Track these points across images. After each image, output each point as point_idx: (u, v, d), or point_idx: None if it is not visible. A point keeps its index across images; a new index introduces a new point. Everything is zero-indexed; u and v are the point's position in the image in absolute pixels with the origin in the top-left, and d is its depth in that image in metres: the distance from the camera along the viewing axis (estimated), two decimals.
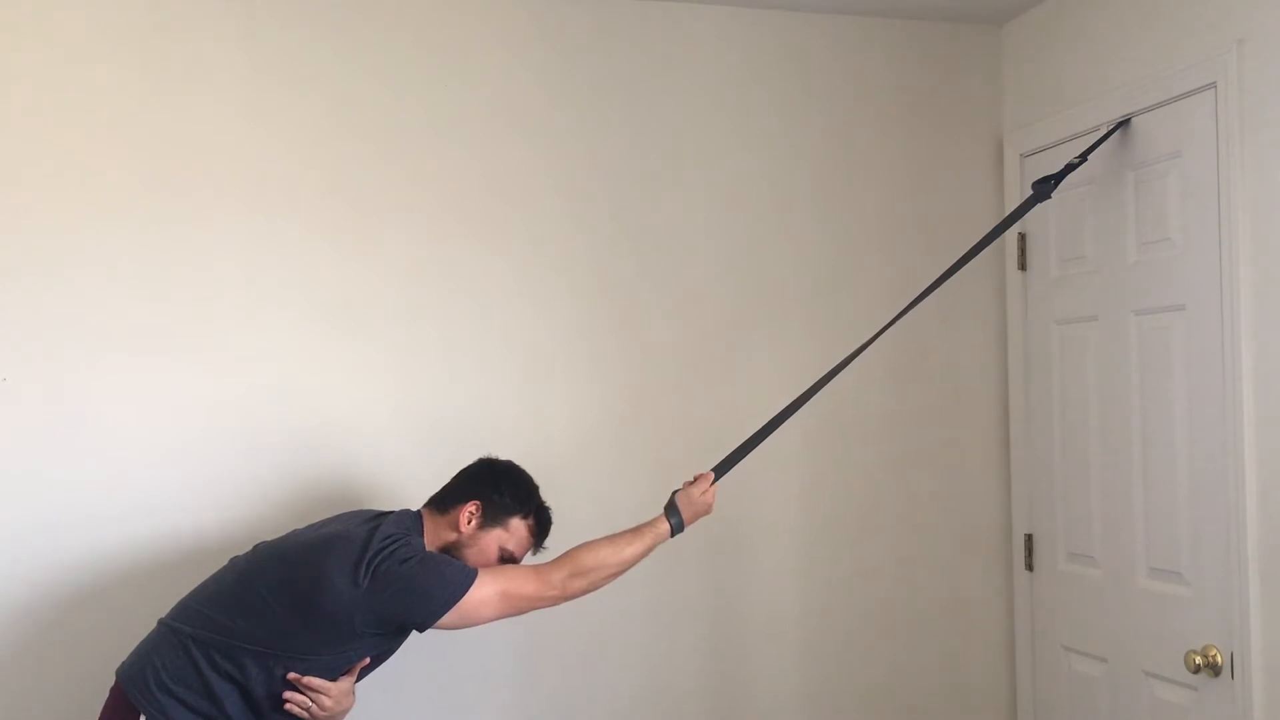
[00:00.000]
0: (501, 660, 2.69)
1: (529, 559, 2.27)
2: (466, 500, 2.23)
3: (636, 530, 2.25)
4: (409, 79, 2.69)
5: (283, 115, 2.61)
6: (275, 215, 2.59)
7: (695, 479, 2.31)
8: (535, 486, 2.30)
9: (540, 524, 2.29)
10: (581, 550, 2.19)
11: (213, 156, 2.56)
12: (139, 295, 2.51)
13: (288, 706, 2.04)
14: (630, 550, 2.21)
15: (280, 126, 2.61)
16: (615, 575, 2.22)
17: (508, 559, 2.23)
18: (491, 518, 2.22)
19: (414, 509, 2.29)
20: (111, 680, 2.11)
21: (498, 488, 2.25)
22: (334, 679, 2.07)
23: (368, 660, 2.12)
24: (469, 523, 2.21)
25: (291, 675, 2.03)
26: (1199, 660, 2.33)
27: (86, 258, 2.48)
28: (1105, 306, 2.67)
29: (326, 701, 2.05)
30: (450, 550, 2.19)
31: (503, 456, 2.33)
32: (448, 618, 2.06)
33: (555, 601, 2.16)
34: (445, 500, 2.27)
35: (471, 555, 2.19)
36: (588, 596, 2.21)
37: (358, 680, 2.13)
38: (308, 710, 2.05)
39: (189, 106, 2.55)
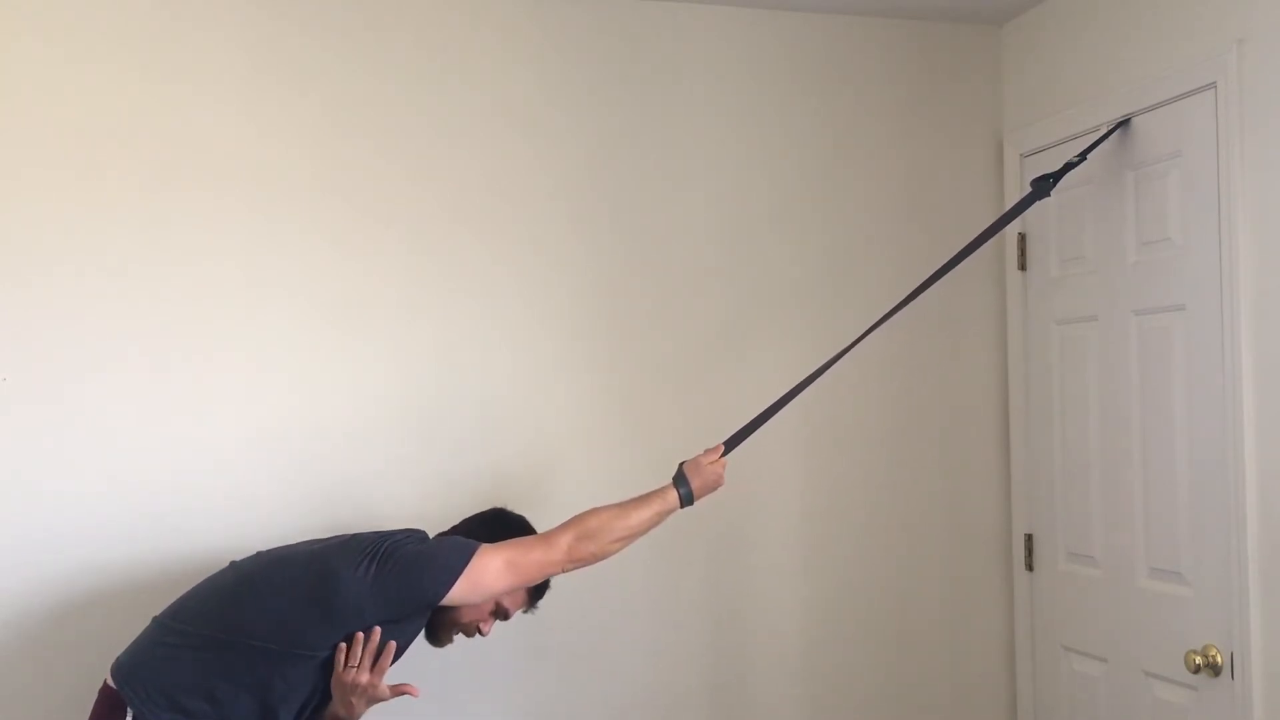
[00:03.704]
0: (501, 659, 2.69)
1: (519, 615, 2.28)
2: None
3: (644, 497, 2.24)
4: (409, 79, 2.69)
5: (283, 115, 2.61)
6: (275, 215, 2.59)
7: (705, 451, 2.31)
8: None
9: (538, 585, 2.27)
10: (587, 515, 2.19)
11: (213, 156, 2.56)
12: (139, 295, 2.50)
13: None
14: (637, 516, 2.20)
15: (280, 126, 2.60)
16: (623, 541, 2.20)
17: (499, 612, 2.23)
18: None
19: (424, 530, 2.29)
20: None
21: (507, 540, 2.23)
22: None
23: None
24: None
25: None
26: (1199, 660, 2.33)
27: (86, 258, 2.48)
28: (1105, 306, 2.67)
29: (364, 679, 2.02)
30: None
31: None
32: (458, 589, 2.05)
33: (562, 567, 2.15)
34: None
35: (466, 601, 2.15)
36: (588, 595, 2.22)
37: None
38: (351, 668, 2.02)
39: (189, 106, 2.55)
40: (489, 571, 2.07)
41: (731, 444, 2.35)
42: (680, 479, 2.27)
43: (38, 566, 2.43)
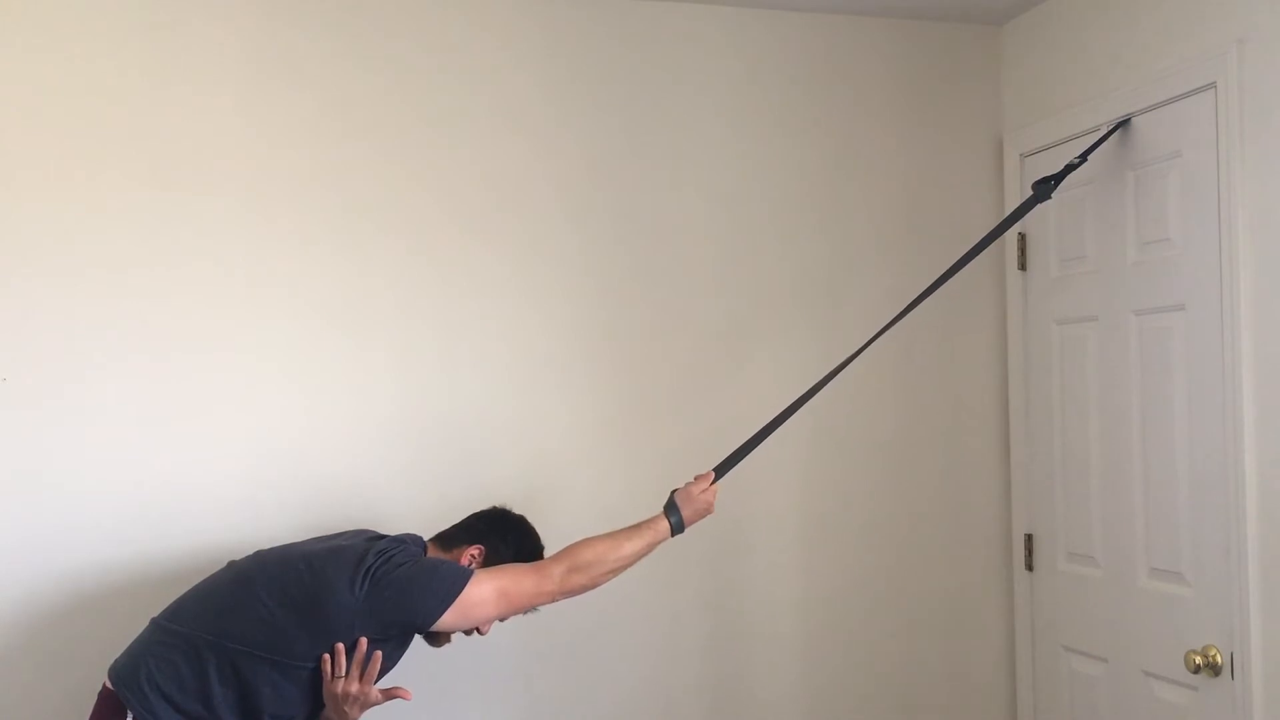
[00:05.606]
0: (501, 659, 2.69)
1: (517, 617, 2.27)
2: (472, 542, 2.25)
3: (636, 527, 2.25)
4: (408, 79, 2.69)
5: (282, 115, 2.61)
6: (275, 215, 2.59)
7: (695, 479, 2.31)
8: (541, 548, 2.30)
9: None
10: (580, 546, 2.20)
11: (213, 156, 2.56)
12: (139, 295, 2.50)
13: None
14: (629, 547, 2.21)
15: (280, 126, 2.60)
16: (614, 572, 2.21)
17: None
18: (492, 565, 2.22)
19: (420, 535, 2.30)
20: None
21: (505, 538, 2.27)
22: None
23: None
24: (469, 564, 2.21)
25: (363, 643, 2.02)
26: (1199, 660, 2.33)
27: (86, 258, 2.48)
28: (1105, 306, 2.67)
29: (354, 688, 2.03)
30: None
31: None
32: (448, 617, 2.06)
33: (554, 597, 2.16)
34: (452, 537, 2.29)
35: None
36: (587, 594, 2.22)
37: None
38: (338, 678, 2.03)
39: (188, 106, 2.55)
40: (479, 601, 2.09)
41: (722, 470, 2.35)
42: (671, 507, 2.28)
43: (38, 566, 2.43)
